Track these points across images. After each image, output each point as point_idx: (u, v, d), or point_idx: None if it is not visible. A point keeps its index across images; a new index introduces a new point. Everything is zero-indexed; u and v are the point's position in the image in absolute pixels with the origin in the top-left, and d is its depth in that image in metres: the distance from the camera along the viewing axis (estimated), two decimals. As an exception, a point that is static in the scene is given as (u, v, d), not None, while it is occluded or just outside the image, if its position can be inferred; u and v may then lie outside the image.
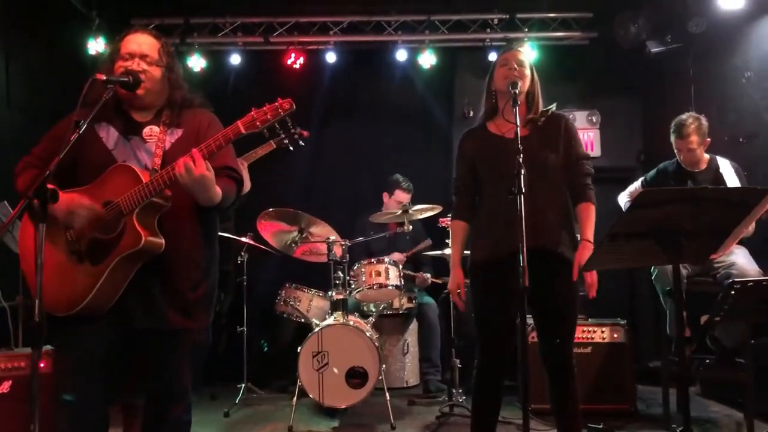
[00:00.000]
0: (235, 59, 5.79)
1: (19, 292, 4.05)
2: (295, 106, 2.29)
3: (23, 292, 4.03)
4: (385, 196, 5.29)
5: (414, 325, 5.22)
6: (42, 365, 3.28)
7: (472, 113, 6.13)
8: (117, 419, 3.68)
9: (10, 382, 3.20)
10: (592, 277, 2.82)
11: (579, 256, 2.77)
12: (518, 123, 2.60)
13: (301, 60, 5.76)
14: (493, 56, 5.95)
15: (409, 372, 5.20)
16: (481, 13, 5.99)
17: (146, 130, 2.52)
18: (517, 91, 2.70)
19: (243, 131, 2.29)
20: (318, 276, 4.89)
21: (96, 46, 5.39)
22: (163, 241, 2.37)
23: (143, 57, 2.48)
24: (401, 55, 5.85)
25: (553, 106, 3.01)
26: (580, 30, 5.98)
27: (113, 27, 5.47)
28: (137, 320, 2.41)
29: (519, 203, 2.33)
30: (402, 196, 5.14)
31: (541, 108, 2.98)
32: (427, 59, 5.82)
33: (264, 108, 2.30)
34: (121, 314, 2.39)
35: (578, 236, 2.86)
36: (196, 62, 5.69)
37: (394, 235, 5.23)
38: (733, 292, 2.89)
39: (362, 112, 6.07)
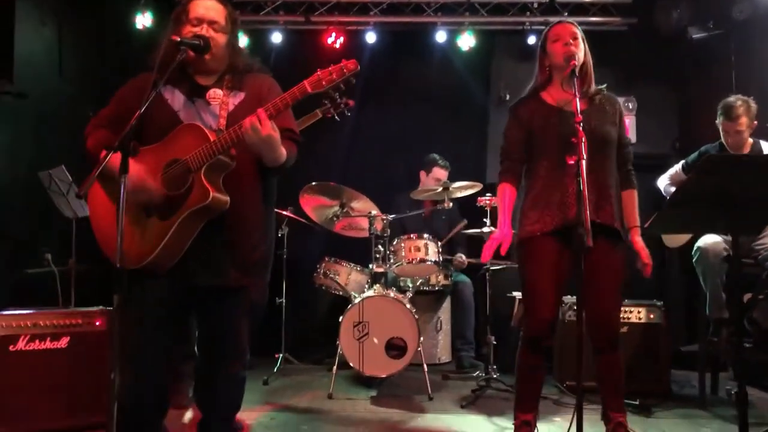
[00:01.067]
0: (276, 38, 5.86)
1: (72, 256, 4.20)
2: (359, 67, 2.35)
3: (77, 255, 4.18)
4: (423, 174, 5.35)
5: (447, 303, 5.29)
6: (97, 323, 3.41)
7: (508, 97, 6.18)
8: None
9: (68, 338, 3.31)
10: (649, 257, 2.91)
11: (641, 244, 2.89)
12: (577, 94, 2.63)
13: (341, 40, 5.82)
14: (532, 39, 5.99)
15: (442, 349, 5.27)
16: (521, -4, 6.01)
17: (210, 93, 2.59)
18: (576, 64, 2.75)
19: (309, 90, 2.35)
20: (355, 251, 4.99)
21: (143, 20, 5.49)
22: (228, 198, 2.44)
23: (211, 23, 2.55)
24: (440, 36, 5.90)
25: (604, 86, 3.06)
26: (619, 15, 5.98)
27: (159, 3, 5.56)
28: (199, 277, 2.49)
29: (579, 169, 2.37)
30: (440, 173, 5.20)
31: (593, 82, 3.04)
32: (466, 41, 5.86)
33: (329, 68, 2.36)
34: (183, 271, 2.46)
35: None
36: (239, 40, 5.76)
37: (430, 214, 5.31)
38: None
39: (400, 92, 6.11)
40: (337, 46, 5.83)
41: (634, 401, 3.77)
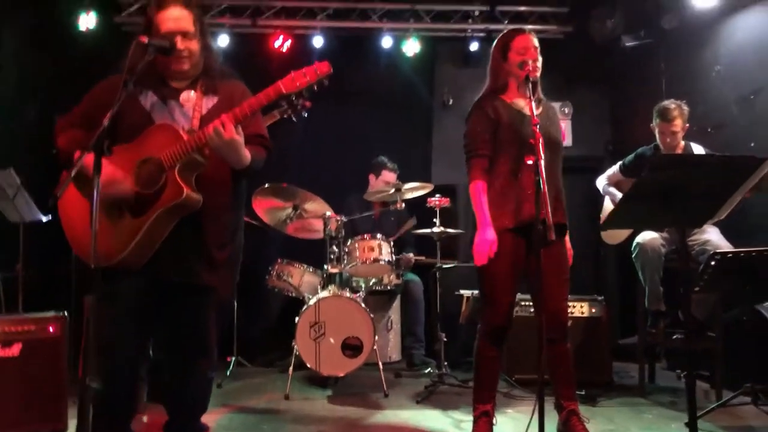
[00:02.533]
0: (224, 40, 5.82)
1: (19, 261, 4.08)
2: (331, 69, 2.43)
3: (24, 261, 4.06)
4: (372, 177, 5.44)
5: (397, 303, 5.40)
6: (51, 329, 3.34)
7: (452, 101, 6.37)
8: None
9: (21, 345, 3.22)
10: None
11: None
12: (532, 98, 2.79)
13: (288, 43, 5.85)
14: (474, 46, 6.20)
15: (392, 348, 5.37)
16: (463, 4, 6.18)
17: (183, 95, 2.62)
18: (538, 69, 2.92)
19: (284, 91, 2.43)
20: (307, 252, 5.02)
21: (87, 21, 5.37)
22: (200, 197, 2.47)
23: (184, 35, 2.55)
24: (386, 42, 6.01)
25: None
26: (556, 24, 6.24)
27: (103, 3, 5.47)
28: (171, 275, 2.51)
29: (538, 169, 2.51)
30: (389, 176, 5.31)
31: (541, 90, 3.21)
32: (412, 47, 5.99)
33: (303, 70, 2.43)
34: (154, 268, 2.48)
35: None
36: (183, 42, 5.71)
37: (379, 215, 5.40)
38: (713, 263, 3.16)
39: (348, 96, 6.11)
40: (284, 50, 5.86)
41: (580, 391, 3.94)
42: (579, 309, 4.49)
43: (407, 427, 3.53)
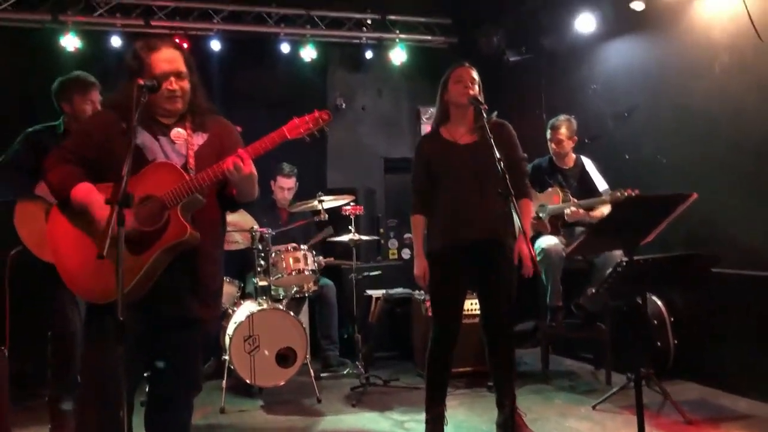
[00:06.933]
0: (116, 42, 5.56)
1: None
2: (332, 117, 2.60)
3: None
4: (272, 183, 5.51)
5: (305, 307, 5.52)
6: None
7: (344, 105, 6.58)
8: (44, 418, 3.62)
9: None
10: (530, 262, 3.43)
11: (520, 246, 3.38)
12: (489, 134, 3.10)
13: (185, 46, 5.69)
14: (369, 54, 6.45)
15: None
16: (356, 12, 6.38)
17: (174, 133, 2.62)
18: (481, 106, 3.22)
19: (288, 136, 2.55)
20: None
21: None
22: (199, 234, 2.50)
23: (177, 75, 2.56)
24: (285, 47, 6.07)
25: (494, 114, 3.56)
26: (441, 35, 6.63)
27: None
28: (165, 309, 2.53)
29: (510, 198, 2.81)
30: (283, 181, 5.42)
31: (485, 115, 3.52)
32: (309, 53, 6.08)
33: (305, 117, 2.57)
34: (150, 304, 2.49)
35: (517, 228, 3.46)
36: (70, 41, 5.39)
37: (287, 223, 5.48)
38: (620, 269, 3.67)
39: (247, 100, 6.07)
40: (181, 52, 5.70)
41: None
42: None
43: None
